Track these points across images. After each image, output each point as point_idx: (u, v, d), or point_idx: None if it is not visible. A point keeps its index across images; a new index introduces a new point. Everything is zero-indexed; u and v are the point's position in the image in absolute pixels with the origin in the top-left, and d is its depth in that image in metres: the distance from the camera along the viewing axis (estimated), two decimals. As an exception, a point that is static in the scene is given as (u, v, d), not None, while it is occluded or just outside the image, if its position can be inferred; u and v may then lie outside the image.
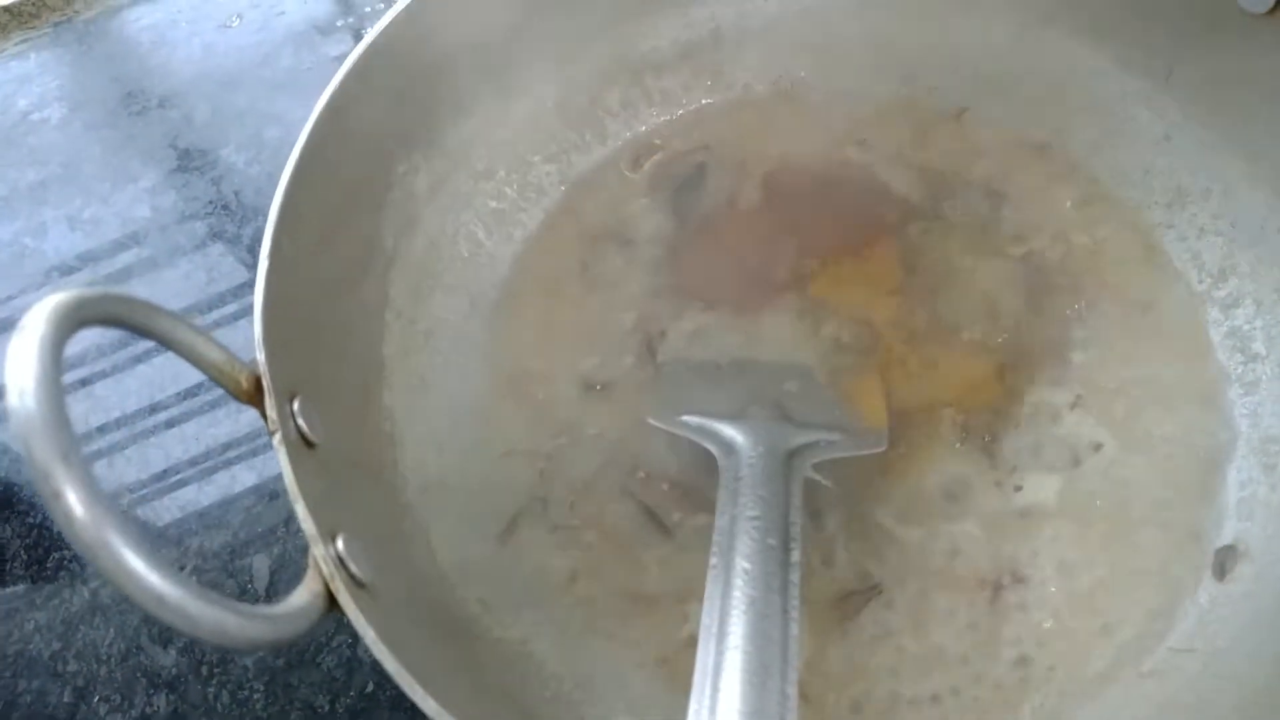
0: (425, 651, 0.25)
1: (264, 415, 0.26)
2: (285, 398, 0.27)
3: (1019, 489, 0.35)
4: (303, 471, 0.25)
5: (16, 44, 0.64)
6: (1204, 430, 0.35)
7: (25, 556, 0.44)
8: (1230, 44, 0.35)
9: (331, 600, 0.24)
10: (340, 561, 0.24)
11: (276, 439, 0.25)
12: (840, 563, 0.34)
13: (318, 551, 0.24)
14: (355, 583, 0.24)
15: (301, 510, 0.24)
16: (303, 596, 0.23)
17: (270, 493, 0.44)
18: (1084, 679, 0.32)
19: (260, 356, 0.27)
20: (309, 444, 0.27)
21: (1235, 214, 0.37)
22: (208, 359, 0.25)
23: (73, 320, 0.21)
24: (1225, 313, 0.37)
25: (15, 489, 0.47)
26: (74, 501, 0.18)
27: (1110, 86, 0.40)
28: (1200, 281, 0.37)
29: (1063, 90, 0.40)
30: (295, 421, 0.27)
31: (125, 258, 0.53)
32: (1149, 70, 0.38)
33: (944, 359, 0.37)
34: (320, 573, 0.24)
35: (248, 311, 0.51)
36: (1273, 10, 0.33)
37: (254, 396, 0.26)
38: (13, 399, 0.19)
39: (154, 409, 0.48)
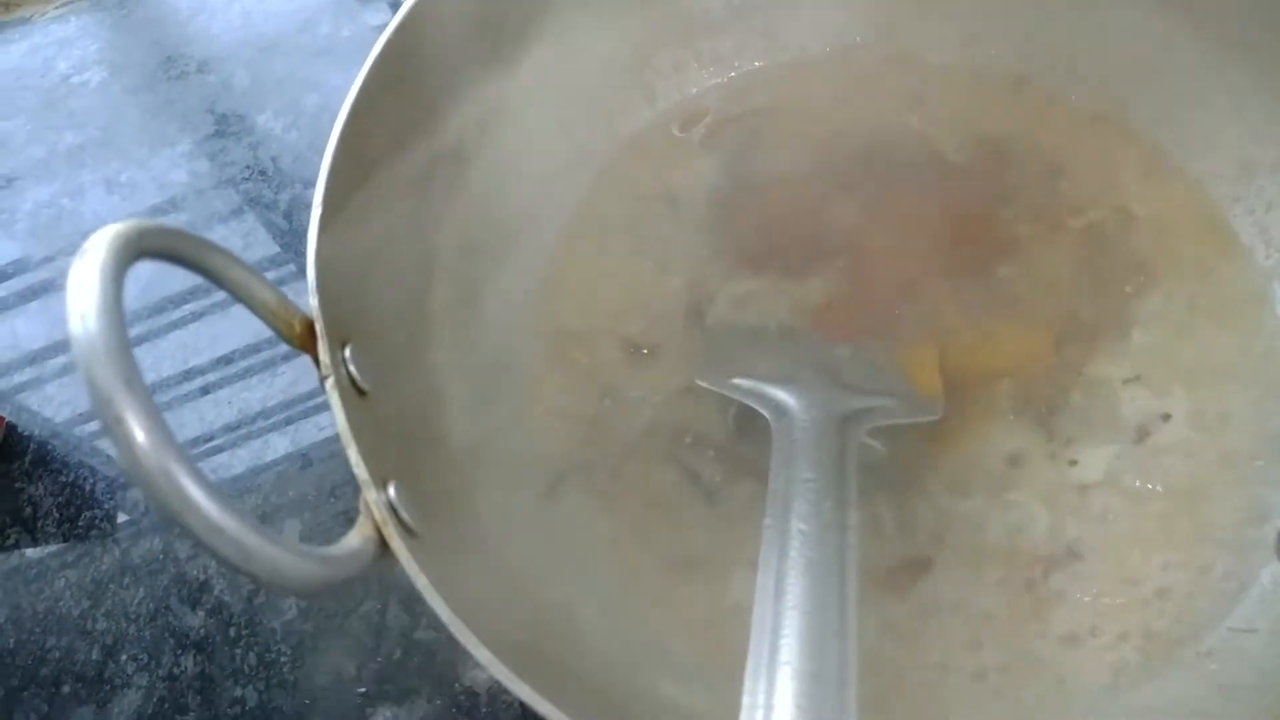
0: (473, 603, 0.24)
1: (316, 361, 0.26)
2: (337, 344, 0.26)
3: (1074, 463, 0.34)
4: (355, 418, 0.25)
5: (58, 7, 0.64)
6: (1267, 409, 0.34)
7: (57, 515, 0.45)
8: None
9: (384, 545, 0.23)
10: (392, 508, 0.24)
11: (329, 384, 0.25)
12: (890, 534, 0.33)
13: (370, 496, 0.23)
14: (406, 530, 0.24)
15: (354, 454, 0.24)
16: (355, 540, 0.23)
17: (302, 460, 0.44)
18: (1142, 658, 0.31)
19: (313, 301, 0.26)
20: (360, 392, 0.27)
21: (1307, 186, 0.36)
22: (260, 299, 0.25)
23: (133, 249, 0.20)
24: (1293, 289, 0.36)
25: (48, 447, 0.47)
26: (135, 427, 0.18)
27: (1177, 53, 0.38)
28: (1268, 256, 0.36)
29: (1127, 58, 0.39)
30: (347, 368, 0.26)
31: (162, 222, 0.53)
32: (1220, 36, 0.37)
33: (1001, 330, 0.36)
34: (373, 518, 0.23)
35: (284, 280, 0.51)
36: (1357, -28, 0.31)
37: (306, 340, 0.26)
38: (74, 324, 0.19)
39: (188, 375, 0.48)
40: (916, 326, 0.36)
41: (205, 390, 0.47)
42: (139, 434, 0.18)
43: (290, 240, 0.52)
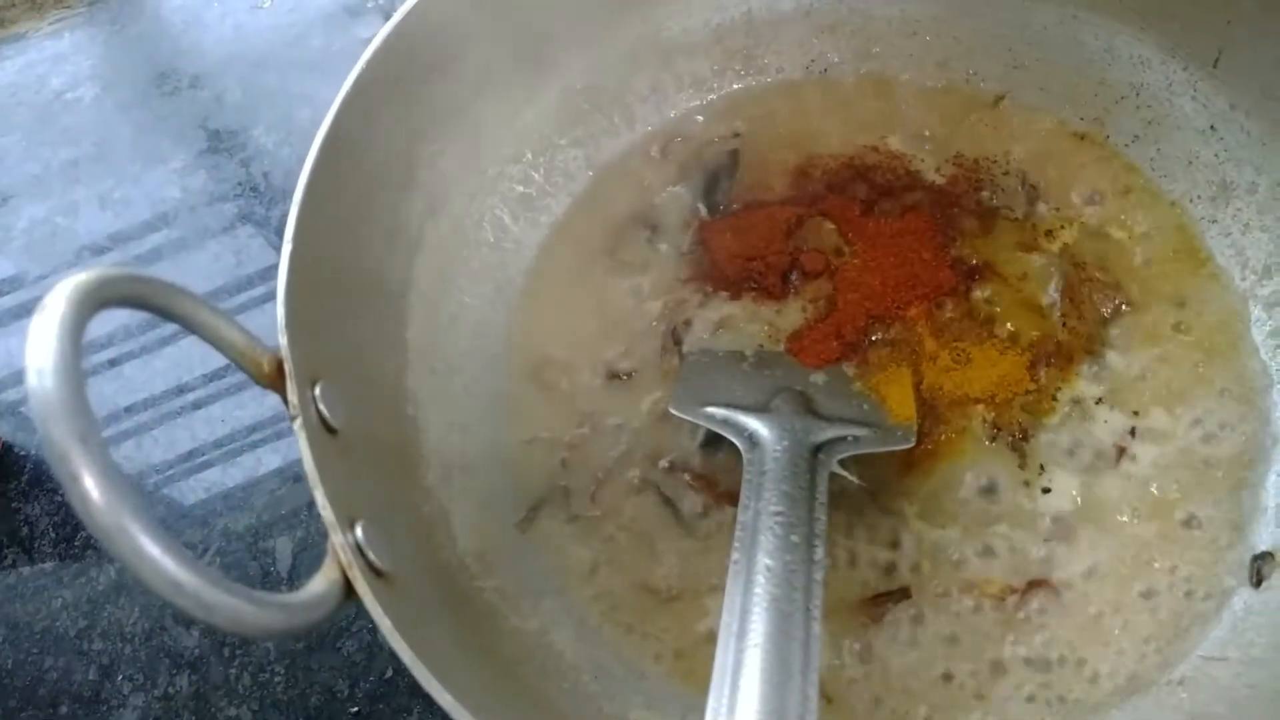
0: (443, 641, 0.25)
1: (285, 400, 0.26)
2: (307, 383, 0.26)
3: (1047, 491, 0.34)
4: (323, 457, 0.25)
5: (51, 23, 0.64)
6: (1243, 434, 0.34)
7: (54, 534, 0.45)
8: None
9: (349, 588, 0.23)
10: (359, 549, 0.24)
11: (297, 425, 0.25)
12: (866, 563, 0.33)
13: (336, 539, 0.24)
14: (373, 571, 0.24)
15: (320, 497, 0.24)
16: (320, 584, 0.23)
17: (294, 475, 0.44)
18: (1112, 686, 0.31)
19: (282, 341, 0.26)
20: (330, 430, 0.27)
21: (1282, 209, 0.36)
22: (229, 342, 0.25)
23: (94, 300, 0.21)
24: (1269, 311, 0.36)
25: (45, 467, 0.47)
26: (90, 485, 0.18)
27: (1154, 74, 0.38)
28: (1243, 279, 0.36)
29: (1104, 78, 0.39)
30: (316, 407, 0.27)
31: (155, 239, 0.54)
32: (1195, 57, 0.37)
33: (977, 354, 0.36)
34: (338, 560, 0.24)
35: (275, 294, 0.51)
36: (1330, -4, 0.31)
37: (275, 380, 0.26)
38: (31, 379, 0.19)
39: (181, 390, 0.48)
40: (891, 350, 0.36)
41: (197, 405, 0.47)
42: (94, 492, 0.18)
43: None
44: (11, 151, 0.58)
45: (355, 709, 0.38)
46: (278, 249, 0.52)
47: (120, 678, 0.41)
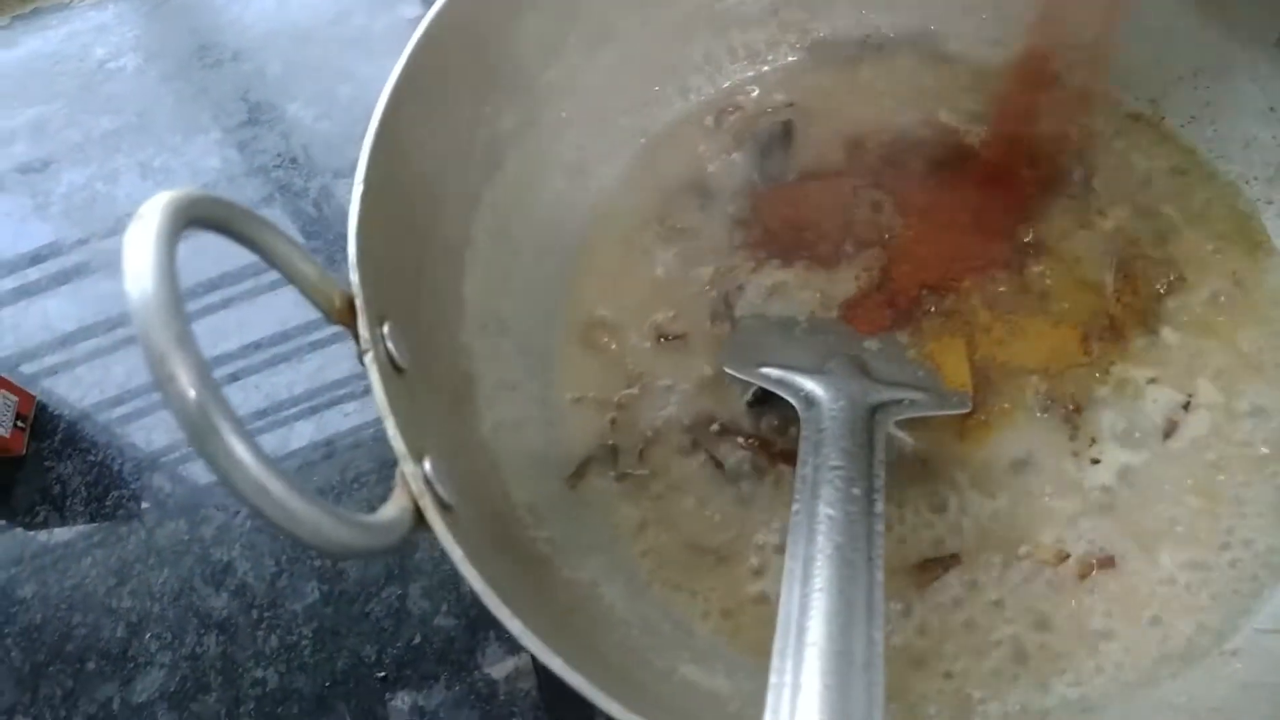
0: (506, 577, 0.24)
1: (355, 336, 0.26)
2: (376, 320, 0.26)
3: (1096, 462, 0.34)
4: (392, 392, 0.25)
5: (96, -6, 0.65)
6: (1297, 412, 0.34)
7: (85, 494, 0.45)
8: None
9: (419, 518, 0.23)
10: (427, 482, 0.24)
11: (368, 359, 0.25)
12: (918, 528, 0.33)
13: (407, 469, 0.24)
14: (441, 504, 0.24)
15: (391, 428, 0.24)
16: (392, 510, 0.23)
17: (327, 449, 0.44)
18: (1165, 655, 0.31)
19: (354, 278, 0.27)
20: (397, 368, 0.27)
21: (1340, 191, 0.36)
22: (303, 274, 0.25)
23: (184, 216, 0.21)
24: (1325, 292, 0.36)
25: (78, 428, 0.47)
26: (186, 385, 0.18)
27: (1213, 54, 0.38)
28: (1300, 260, 0.36)
29: (1162, 58, 0.39)
30: (385, 344, 0.27)
31: (193, 207, 0.54)
32: (1256, 38, 0.37)
33: (1030, 327, 0.36)
34: (409, 490, 0.24)
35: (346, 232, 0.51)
36: (1396, -25, 0.31)
37: (345, 315, 0.26)
38: (130, 285, 0.19)
39: (218, 361, 0.48)
40: (945, 321, 0.36)
41: (234, 376, 0.47)
42: (190, 391, 0.18)
43: (319, 228, 0.52)
44: (54, 119, 0.59)
45: (383, 674, 0.38)
46: (315, 220, 0.52)
47: (148, 636, 0.41)
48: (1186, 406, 0.34)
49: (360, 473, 0.43)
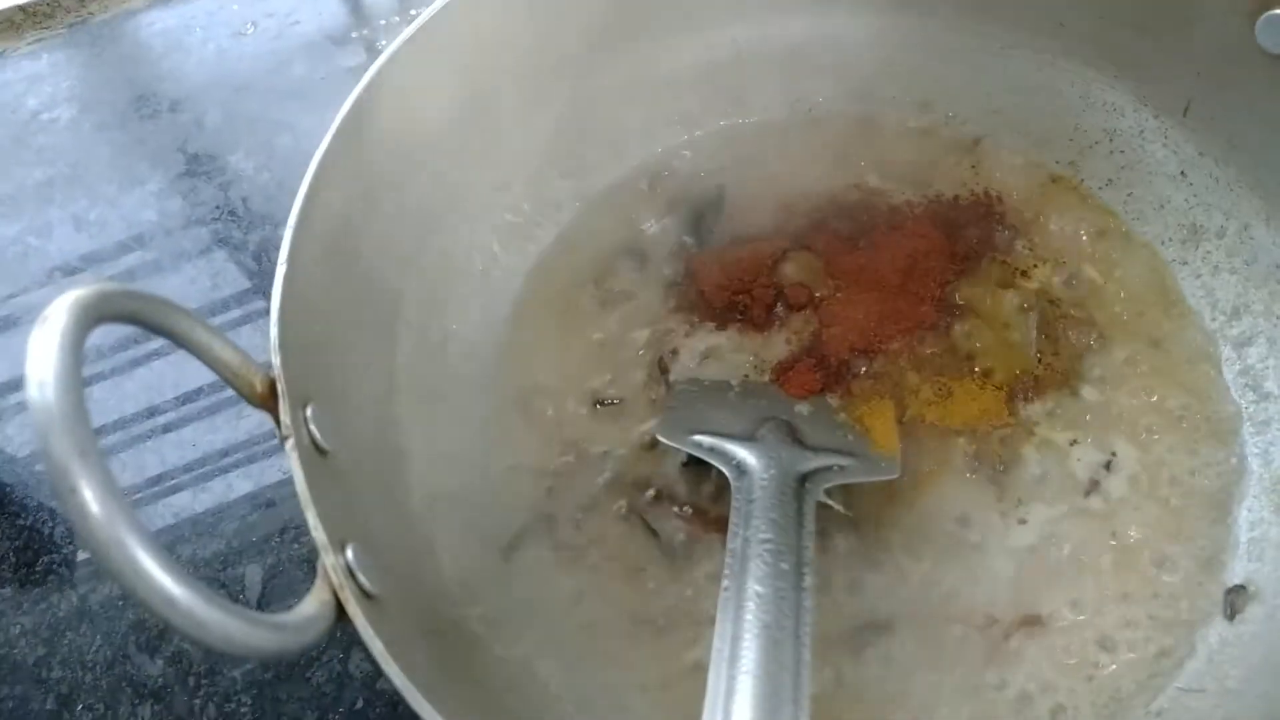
0: (431, 667, 0.24)
1: (276, 421, 0.26)
2: (299, 404, 0.26)
3: (1023, 523, 0.34)
4: (315, 479, 0.25)
5: (30, 43, 0.64)
6: (1214, 469, 0.35)
7: (14, 559, 0.44)
8: (1248, 82, 0.35)
9: (340, 610, 0.23)
10: (350, 571, 0.24)
11: (290, 445, 0.25)
12: (851, 594, 0.33)
13: (328, 560, 0.23)
14: (364, 594, 0.24)
15: (312, 518, 0.24)
16: (312, 605, 0.23)
17: (265, 501, 0.44)
18: (1091, 716, 0.31)
19: (275, 361, 0.26)
20: (321, 451, 0.27)
21: (1250, 252, 0.37)
22: (223, 360, 0.25)
23: (93, 315, 0.21)
24: (1238, 351, 0.37)
25: (6, 489, 0.46)
26: (89, 498, 0.18)
27: (1127, 120, 0.40)
28: (1213, 319, 0.38)
29: (1079, 123, 0.41)
30: (308, 428, 0.26)
31: (129, 260, 0.53)
32: (1166, 106, 0.39)
33: (958, 388, 0.37)
34: (329, 582, 0.23)
35: (251, 318, 0.51)
36: (1293, 51, 0.33)
37: (268, 400, 0.26)
38: (32, 391, 0.19)
39: (151, 413, 0.47)
40: (875, 383, 0.37)
41: (168, 429, 0.47)
42: (93, 505, 0.18)
43: (259, 280, 0.52)
44: (-16, 171, 0.58)
45: (325, 741, 0.38)
46: (254, 274, 0.52)
47: (80, 707, 0.39)
48: (1108, 465, 0.35)
49: (299, 526, 0.43)
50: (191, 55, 0.62)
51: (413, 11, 0.61)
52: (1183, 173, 0.39)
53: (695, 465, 0.35)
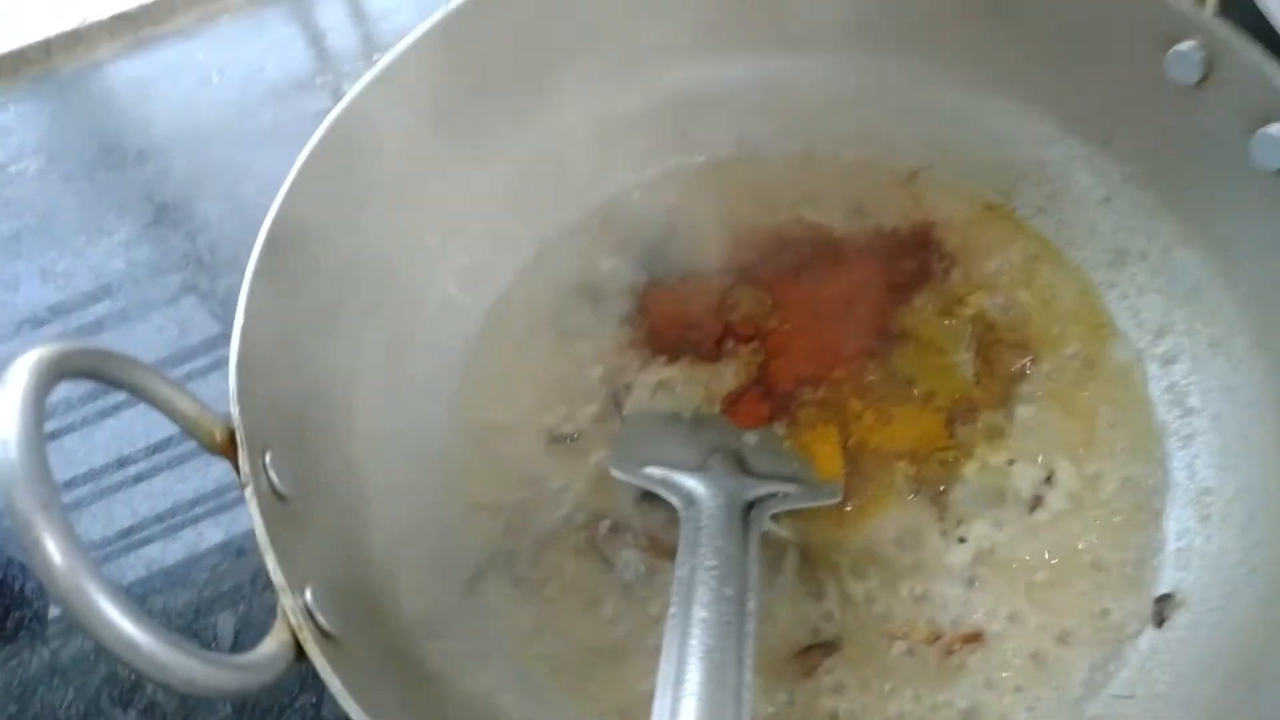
0: (392, 704, 0.25)
1: (236, 468, 0.27)
2: (258, 451, 0.27)
3: (963, 540, 0.36)
4: (274, 524, 0.26)
5: (-5, 96, 0.65)
6: (1144, 483, 0.37)
7: (-18, 616, 0.44)
8: (1163, 112, 0.37)
9: (299, 650, 0.24)
10: (308, 612, 0.25)
11: (249, 492, 0.26)
12: (799, 616, 0.35)
13: (286, 602, 0.24)
14: (322, 633, 0.25)
15: (271, 562, 0.25)
16: (271, 645, 0.24)
17: (237, 549, 0.44)
18: (1031, 725, 0.32)
19: (234, 411, 0.27)
20: (280, 497, 0.28)
21: (1171, 273, 0.39)
22: (182, 412, 0.26)
23: (54, 373, 0.22)
24: (1164, 368, 0.38)
25: (-29, 548, 0.46)
26: (52, 550, 0.19)
27: (1054, 150, 0.42)
28: (1140, 339, 0.39)
29: (1010, 153, 0.43)
30: (267, 475, 0.27)
31: (97, 310, 0.54)
32: (1090, 135, 0.41)
33: (899, 413, 0.38)
34: (289, 623, 0.24)
35: (220, 364, 0.51)
36: (1200, 82, 0.35)
37: (227, 449, 0.27)
38: (-6, 450, 0.20)
39: (121, 463, 0.47)
40: (819, 410, 0.38)
41: (138, 479, 0.47)
42: (56, 557, 0.19)
43: (227, 326, 0.52)
44: (-49, 224, 0.58)
45: (302, 787, 0.38)
46: (222, 320, 0.53)
47: (54, 764, 0.40)
48: (1047, 481, 0.37)
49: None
50: (158, 105, 0.62)
51: (376, 56, 0.63)
52: (1108, 198, 0.41)
53: (650, 496, 0.37)
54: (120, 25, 0.65)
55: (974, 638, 0.34)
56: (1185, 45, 0.34)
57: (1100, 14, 0.37)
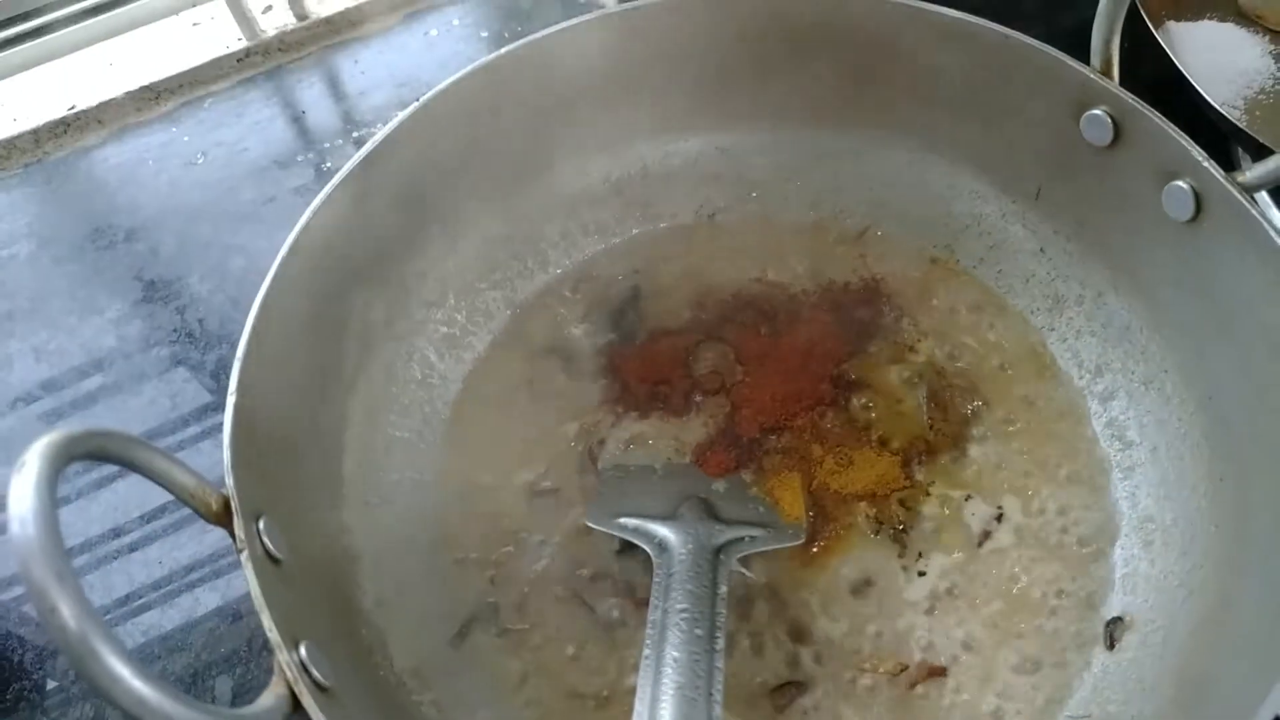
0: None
1: (232, 535, 0.29)
2: (252, 518, 0.29)
3: (923, 574, 0.38)
4: (268, 585, 0.28)
5: (-13, 186, 0.66)
6: (1090, 513, 0.39)
7: (-17, 688, 0.45)
8: (1083, 170, 0.40)
9: (296, 703, 0.26)
10: (303, 667, 0.27)
11: (244, 557, 0.28)
12: (770, 655, 0.36)
13: (282, 658, 0.26)
14: (317, 686, 0.27)
15: (267, 621, 0.27)
16: (269, 699, 0.25)
17: (233, 614, 0.45)
18: (995, 749, 0.34)
19: (229, 481, 0.29)
20: (274, 560, 0.30)
21: (1105, 316, 0.42)
22: (181, 485, 0.28)
23: (64, 456, 0.24)
24: (1103, 405, 0.41)
25: (-29, 620, 0.47)
26: (67, 616, 0.21)
27: (990, 206, 0.45)
28: (1080, 378, 0.42)
29: (951, 209, 0.45)
30: (261, 540, 0.29)
31: (89, 384, 0.55)
32: (1021, 191, 0.44)
33: (858, 456, 0.41)
34: (285, 677, 0.26)
35: (210, 433, 0.53)
36: (1112, 144, 0.38)
37: (223, 517, 0.29)
38: (14, 528, 0.22)
39: (117, 533, 0.48)
40: (783, 457, 0.41)
41: (134, 548, 0.48)
42: (71, 622, 0.21)
43: (219, 396, 0.54)
44: (-54, 309, 0.60)
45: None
46: (213, 391, 0.54)
47: (56, 834, 0.40)
48: (998, 517, 0.39)
49: (267, 638, 0.44)
50: (145, 187, 0.64)
51: (355, 134, 0.65)
52: (1042, 249, 0.44)
53: (629, 545, 0.39)
54: (107, 112, 0.67)
55: (937, 671, 0.36)
56: (1097, 110, 0.38)
57: (1020, 85, 0.40)
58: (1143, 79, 0.39)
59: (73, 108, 0.67)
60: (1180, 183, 0.35)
